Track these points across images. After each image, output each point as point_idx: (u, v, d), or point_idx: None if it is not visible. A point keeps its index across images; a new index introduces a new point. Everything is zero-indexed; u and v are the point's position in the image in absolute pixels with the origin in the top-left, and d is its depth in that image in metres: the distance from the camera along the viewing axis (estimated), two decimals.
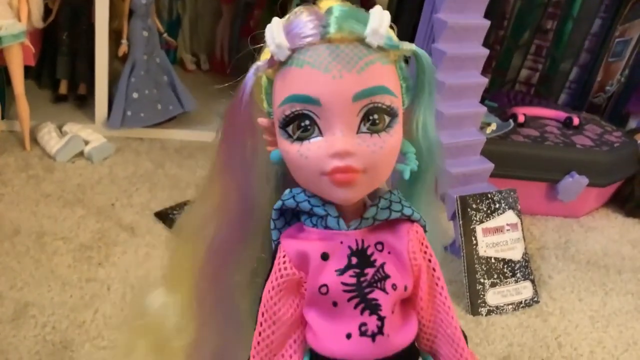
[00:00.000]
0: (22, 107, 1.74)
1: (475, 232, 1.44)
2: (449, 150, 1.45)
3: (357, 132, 0.49)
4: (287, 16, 0.52)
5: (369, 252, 0.54)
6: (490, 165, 1.53)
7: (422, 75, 0.54)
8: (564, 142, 1.86)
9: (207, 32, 2.49)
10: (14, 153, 1.76)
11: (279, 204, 0.55)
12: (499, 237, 1.47)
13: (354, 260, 0.53)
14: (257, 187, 0.57)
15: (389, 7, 1.95)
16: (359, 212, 0.54)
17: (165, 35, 2.01)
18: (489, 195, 1.48)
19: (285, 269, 0.54)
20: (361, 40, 0.48)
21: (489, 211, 1.47)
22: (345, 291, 0.52)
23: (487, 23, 1.51)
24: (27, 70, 1.80)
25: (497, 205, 1.48)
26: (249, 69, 0.52)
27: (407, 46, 0.52)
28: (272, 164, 0.56)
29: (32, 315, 1.18)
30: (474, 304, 1.42)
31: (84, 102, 2.03)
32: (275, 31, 0.49)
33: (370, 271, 0.53)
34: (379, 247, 0.54)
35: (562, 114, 2.01)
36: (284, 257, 0.54)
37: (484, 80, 1.52)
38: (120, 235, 1.46)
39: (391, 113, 0.50)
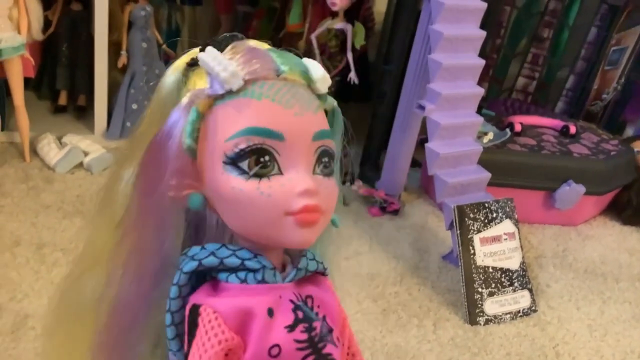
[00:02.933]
0: (22, 118, 1.75)
1: (472, 241, 1.45)
2: (446, 160, 1.46)
3: (314, 174, 0.48)
4: (228, 49, 0.49)
5: (309, 304, 0.50)
6: (487, 175, 1.54)
7: (336, 123, 0.54)
8: (561, 151, 1.87)
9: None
10: (13, 164, 1.77)
11: (191, 265, 0.47)
12: (497, 247, 1.48)
13: (300, 314, 0.48)
14: (174, 241, 0.50)
15: (385, 19, 1.96)
16: (283, 265, 0.51)
17: (164, 46, 2.02)
18: (487, 205, 1.48)
19: (223, 332, 0.45)
20: (307, 85, 0.49)
21: (486, 220, 1.48)
22: (299, 349, 0.47)
23: (483, 34, 1.53)
24: (27, 82, 1.81)
25: (495, 215, 1.49)
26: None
27: (331, 100, 0.52)
28: (179, 213, 0.49)
29: (31, 327, 1.18)
30: (472, 314, 1.42)
31: (83, 113, 2.04)
32: (222, 60, 0.46)
33: (317, 324, 0.49)
34: (309, 301, 0.50)
35: (558, 123, 2.02)
36: (216, 319, 0.45)
37: (480, 91, 1.53)
38: None
39: (334, 158, 0.49)
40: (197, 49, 0.53)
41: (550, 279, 1.65)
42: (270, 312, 0.47)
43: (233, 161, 0.45)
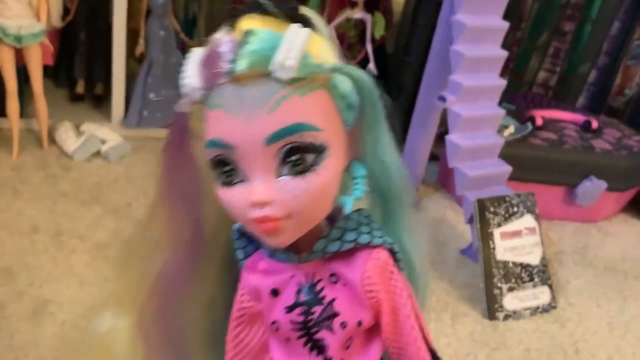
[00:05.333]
0: (40, 106, 1.75)
1: (493, 235, 1.43)
2: (466, 153, 1.44)
3: (279, 176, 0.45)
4: (208, 44, 0.47)
5: (318, 287, 0.50)
6: (508, 168, 1.52)
7: (361, 94, 0.48)
8: (583, 146, 1.84)
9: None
10: (31, 151, 1.77)
11: (238, 224, 0.52)
12: (517, 241, 1.46)
13: (302, 297, 0.50)
14: (208, 219, 0.53)
15: (404, 10, 1.94)
16: (310, 243, 0.49)
17: (182, 34, 2.01)
18: (507, 199, 1.46)
19: (242, 302, 0.53)
20: (270, 75, 0.43)
21: (507, 215, 1.45)
22: (293, 330, 0.50)
23: (506, 25, 1.50)
24: (45, 69, 1.81)
25: (516, 209, 1.47)
26: None
27: (329, 67, 0.46)
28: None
29: (50, 312, 1.18)
30: (491, 309, 1.40)
31: (100, 101, 2.04)
32: (190, 68, 0.46)
33: (317, 309, 0.50)
34: (333, 279, 0.50)
35: (580, 117, 1.99)
36: (242, 289, 0.53)
37: (502, 83, 1.50)
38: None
39: (315, 149, 0.45)
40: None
41: (570, 276, 1.63)
42: (275, 292, 0.51)
43: (212, 169, 0.47)
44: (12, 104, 1.69)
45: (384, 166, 0.51)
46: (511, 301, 1.43)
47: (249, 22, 0.46)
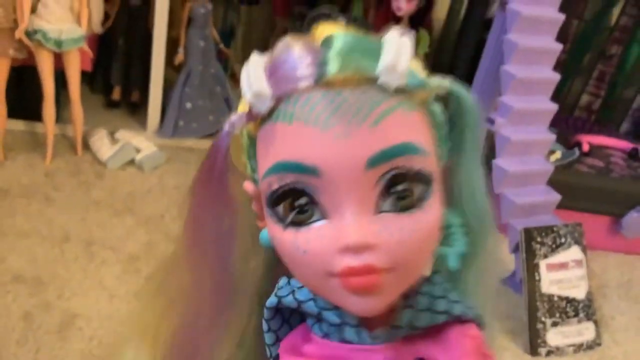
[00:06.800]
0: (77, 112, 1.74)
1: (539, 267, 1.36)
2: (514, 178, 1.38)
3: (377, 213, 0.34)
4: (271, 52, 0.37)
5: None
6: (556, 197, 1.46)
7: (461, 120, 0.39)
8: (630, 175, 1.76)
9: (260, 43, 2.48)
10: (65, 157, 1.75)
11: (273, 301, 0.40)
12: (564, 274, 1.39)
13: None
14: (237, 271, 0.43)
15: (445, 27, 1.89)
16: (389, 316, 0.37)
17: (221, 45, 1.99)
18: (555, 229, 1.39)
19: None
20: (373, 82, 0.34)
21: (554, 245, 1.39)
22: None
23: (559, 47, 1.45)
24: (82, 75, 1.79)
25: (563, 240, 1.40)
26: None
27: (439, 82, 0.37)
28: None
29: (79, 327, 1.15)
30: (534, 344, 1.33)
31: (136, 109, 2.03)
32: (253, 73, 0.35)
33: None
34: None
35: (627, 145, 1.91)
36: None
37: (554, 107, 1.44)
38: (169, 248, 1.43)
39: (424, 179, 0.35)
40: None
41: (615, 311, 1.55)
42: None
43: (271, 205, 0.36)
44: (49, 108, 1.68)
45: (482, 216, 0.41)
46: (554, 337, 1.36)
47: (326, 29, 0.37)
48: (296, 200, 0.34)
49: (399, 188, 0.34)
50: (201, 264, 0.44)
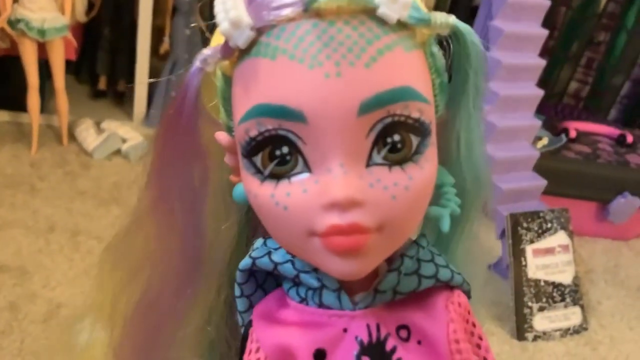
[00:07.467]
0: (62, 102, 1.72)
1: (525, 252, 1.36)
2: (500, 165, 1.38)
3: (368, 165, 0.30)
4: None
5: (388, 346, 0.34)
6: (542, 182, 1.46)
7: (465, 64, 0.34)
8: (617, 161, 1.77)
9: None
10: (51, 148, 1.74)
11: (247, 262, 0.36)
12: (550, 259, 1.39)
13: None
14: (209, 230, 0.39)
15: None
16: (371, 279, 0.35)
17: (208, 34, 1.97)
18: (541, 214, 1.40)
19: None
20: (370, 13, 0.29)
21: (540, 231, 1.39)
22: None
23: (545, 32, 1.44)
24: (67, 65, 1.78)
25: (549, 225, 1.41)
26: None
27: (443, 19, 0.32)
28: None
29: (64, 316, 1.14)
30: (521, 329, 1.34)
31: (122, 98, 2.01)
32: (227, 1, 0.30)
33: None
34: (403, 333, 0.34)
35: (615, 131, 1.92)
36: (256, 352, 0.35)
37: (540, 93, 1.44)
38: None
39: (421, 130, 0.31)
40: None
41: (602, 296, 1.56)
42: (321, 355, 0.34)
43: (247, 154, 0.31)
44: (33, 98, 1.66)
45: (478, 174, 0.38)
46: (541, 321, 1.36)
47: None
48: (276, 149, 0.30)
49: (395, 138, 0.30)
50: (168, 225, 0.39)
